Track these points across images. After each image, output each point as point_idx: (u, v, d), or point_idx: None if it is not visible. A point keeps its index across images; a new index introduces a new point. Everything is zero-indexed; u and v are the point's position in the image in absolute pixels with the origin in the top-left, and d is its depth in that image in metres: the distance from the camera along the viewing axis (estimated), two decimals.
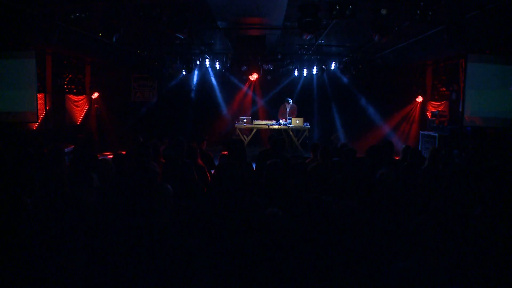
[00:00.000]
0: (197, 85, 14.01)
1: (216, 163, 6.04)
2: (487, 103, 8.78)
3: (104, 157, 6.67)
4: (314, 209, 3.03)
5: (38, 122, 9.68)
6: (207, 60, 11.99)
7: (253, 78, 13.39)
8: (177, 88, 13.84)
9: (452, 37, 5.91)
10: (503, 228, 2.98)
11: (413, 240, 2.51)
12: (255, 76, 13.19)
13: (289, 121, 11.85)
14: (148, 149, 5.34)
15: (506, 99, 8.64)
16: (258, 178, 4.75)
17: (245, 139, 11.65)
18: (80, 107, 12.49)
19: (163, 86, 13.80)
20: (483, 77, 8.71)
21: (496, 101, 8.73)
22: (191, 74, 13.01)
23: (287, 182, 3.97)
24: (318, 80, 13.78)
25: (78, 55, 12.10)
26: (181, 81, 13.77)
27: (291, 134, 11.75)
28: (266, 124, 12.06)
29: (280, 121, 12.11)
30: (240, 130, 12.18)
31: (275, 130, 11.78)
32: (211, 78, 13.88)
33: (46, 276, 2.14)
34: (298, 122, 11.68)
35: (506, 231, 2.93)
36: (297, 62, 12.05)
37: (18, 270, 2.37)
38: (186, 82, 13.91)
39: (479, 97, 8.83)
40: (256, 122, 12.41)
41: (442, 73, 11.68)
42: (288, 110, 12.34)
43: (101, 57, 12.59)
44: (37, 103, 8.99)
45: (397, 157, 6.95)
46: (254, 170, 5.51)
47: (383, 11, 5.40)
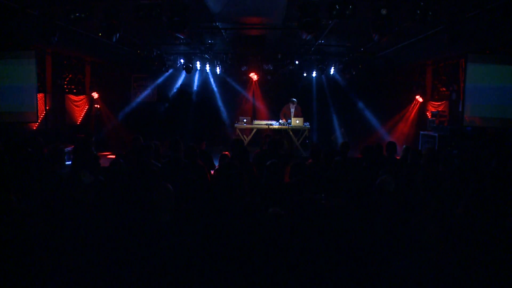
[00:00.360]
0: (197, 85, 14.02)
1: (216, 163, 6.04)
2: (487, 103, 8.79)
3: (104, 157, 6.66)
4: (312, 208, 3.03)
5: (38, 122, 9.67)
6: (207, 59, 11.98)
7: (253, 78, 13.39)
8: (173, 85, 13.85)
9: (452, 37, 5.92)
10: (502, 227, 2.99)
11: (411, 238, 2.52)
12: (255, 76, 13.19)
13: (289, 121, 11.81)
14: (148, 149, 5.34)
15: (506, 99, 8.64)
16: (258, 178, 4.75)
17: (245, 139, 11.65)
18: (80, 107, 12.49)
19: (163, 86, 13.80)
20: (483, 77, 8.71)
21: (496, 101, 8.73)
22: (191, 74, 12.99)
23: (287, 182, 3.97)
24: (317, 80, 13.78)
25: (78, 55, 12.09)
26: (176, 77, 13.78)
27: (291, 134, 11.74)
28: (266, 124, 12.05)
29: (280, 121, 12.09)
30: (240, 130, 12.18)
31: (275, 130, 11.79)
32: (211, 78, 13.88)
33: (48, 274, 2.14)
34: (298, 122, 11.65)
35: (504, 230, 2.93)
36: (297, 62, 12.03)
37: (19, 269, 2.38)
38: (186, 83, 13.92)
39: (479, 97, 8.83)
40: (256, 122, 12.40)
41: (442, 73, 11.68)
42: (292, 110, 12.23)
43: (101, 57, 12.59)
44: (37, 103, 8.99)
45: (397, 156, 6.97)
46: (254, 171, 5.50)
47: (383, 11, 5.39)
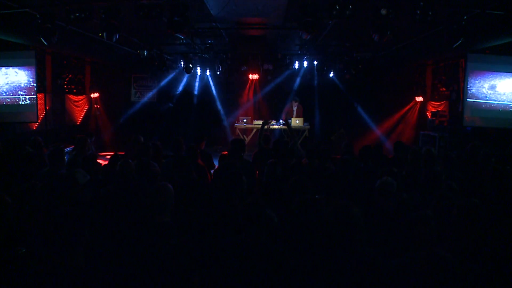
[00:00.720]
0: (197, 89, 14.01)
1: (216, 163, 6.04)
2: (487, 103, 8.79)
3: (104, 157, 6.66)
4: (311, 208, 3.04)
5: (38, 122, 9.67)
6: (207, 60, 11.98)
7: (253, 78, 13.39)
8: (176, 87, 13.85)
9: (452, 37, 5.92)
10: (501, 226, 2.99)
11: (409, 237, 2.52)
12: (255, 76, 13.19)
13: (289, 121, 11.76)
14: (148, 149, 5.35)
15: (506, 99, 8.64)
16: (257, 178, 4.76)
17: (245, 139, 11.65)
18: (80, 107, 12.49)
19: (165, 87, 13.81)
20: (483, 77, 8.71)
21: (496, 101, 8.73)
22: (193, 79, 13.03)
23: (286, 182, 3.97)
24: (318, 80, 13.76)
25: (78, 55, 12.09)
26: (179, 80, 13.78)
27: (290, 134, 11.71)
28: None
29: (280, 121, 12.07)
30: (240, 130, 12.17)
31: (275, 130, 11.79)
32: (211, 81, 13.88)
33: (47, 275, 2.14)
34: (298, 122, 11.63)
35: (504, 229, 2.93)
36: (297, 62, 12.03)
37: (18, 270, 2.38)
38: (187, 83, 13.92)
39: (479, 97, 8.83)
40: (256, 122, 12.39)
41: (442, 73, 11.68)
42: (295, 109, 12.23)
43: (101, 57, 12.58)
44: (37, 103, 8.99)
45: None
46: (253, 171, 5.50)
47: (383, 11, 5.39)
